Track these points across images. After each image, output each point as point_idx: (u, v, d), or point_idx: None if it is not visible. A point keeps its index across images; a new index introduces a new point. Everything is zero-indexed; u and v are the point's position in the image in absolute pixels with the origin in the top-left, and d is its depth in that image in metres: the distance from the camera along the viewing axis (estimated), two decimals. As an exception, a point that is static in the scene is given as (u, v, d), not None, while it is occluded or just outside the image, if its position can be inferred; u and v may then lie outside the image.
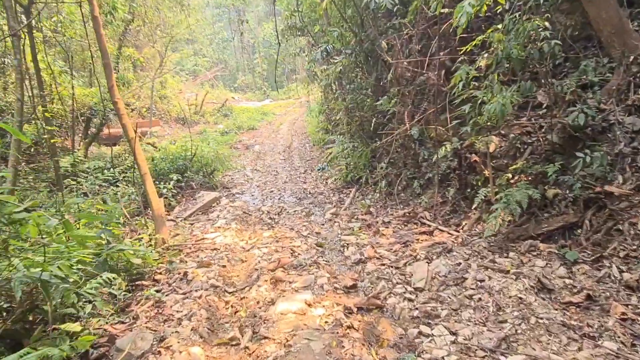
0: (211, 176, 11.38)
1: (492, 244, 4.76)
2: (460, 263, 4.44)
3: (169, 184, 10.11)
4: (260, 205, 9.34)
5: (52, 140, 8.00)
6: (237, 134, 20.09)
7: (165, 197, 9.79)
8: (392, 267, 4.76)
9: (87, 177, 10.96)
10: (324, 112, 14.26)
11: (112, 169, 12.11)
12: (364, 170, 8.89)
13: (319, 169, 11.76)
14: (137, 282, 5.07)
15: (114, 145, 14.64)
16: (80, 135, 13.98)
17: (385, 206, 7.39)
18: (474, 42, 4.63)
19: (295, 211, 8.22)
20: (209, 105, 27.07)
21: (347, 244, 5.93)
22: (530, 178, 4.73)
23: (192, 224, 8.64)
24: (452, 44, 5.91)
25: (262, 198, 10.05)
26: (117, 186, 11.24)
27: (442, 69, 6.00)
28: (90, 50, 8.29)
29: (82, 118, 13.78)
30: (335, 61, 8.21)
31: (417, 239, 5.59)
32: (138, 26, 15.19)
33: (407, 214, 6.59)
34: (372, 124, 7.79)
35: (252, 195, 10.48)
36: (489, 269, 4.14)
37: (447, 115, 5.90)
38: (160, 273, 5.45)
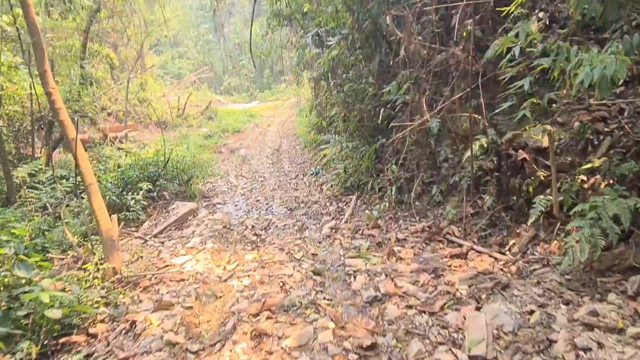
0: (188, 184, 9.90)
1: (568, 277, 3.39)
2: (532, 311, 3.06)
3: (138, 194, 8.64)
4: (244, 218, 7.89)
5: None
6: (221, 137, 18.62)
7: (132, 211, 8.32)
8: (424, 312, 3.35)
9: (43, 188, 9.43)
10: (315, 108, 12.85)
11: (75, 178, 10.62)
12: (367, 175, 7.50)
13: (312, 174, 10.35)
14: (63, 339, 3.59)
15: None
16: (42, 140, 12.40)
17: (396, 218, 6.00)
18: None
19: (285, 225, 6.79)
20: (193, 108, 25.54)
21: (355, 272, 4.51)
22: (611, 182, 3.37)
23: (162, 243, 7.19)
24: (484, 7, 4.55)
25: (247, 209, 8.60)
26: (83, 197, 9.76)
27: (470, 43, 4.62)
28: (17, 28, 6.72)
29: (43, 122, 12.21)
30: (330, 43, 6.82)
31: (449, 265, 4.19)
32: (107, 18, 13.66)
33: (428, 229, 5.21)
34: (378, 118, 6.39)
35: (236, 206, 9.02)
36: (588, 325, 2.73)
37: (479, 102, 4.52)
38: (102, 321, 3.98)
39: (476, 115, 4.54)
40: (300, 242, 5.78)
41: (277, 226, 6.81)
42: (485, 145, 4.41)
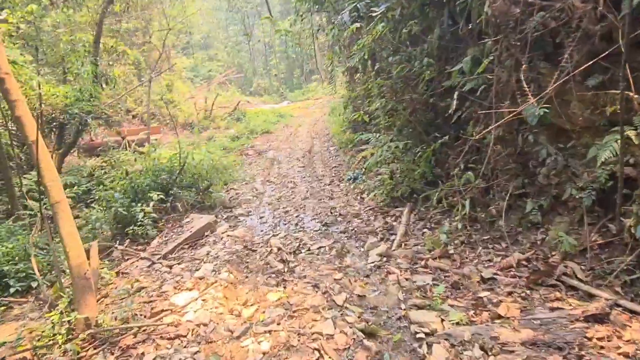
0: (207, 192, 8.59)
1: None
2: None
3: (148, 205, 7.40)
4: (269, 235, 6.49)
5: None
6: (249, 138, 17.40)
7: (141, 225, 7.09)
8: None
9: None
10: (350, 104, 11.31)
11: (86, 185, 9.55)
12: (421, 182, 5.94)
13: (349, 179, 8.84)
14: None
15: (97, 155, 12.09)
16: (53, 144, 11.44)
17: (472, 243, 4.42)
18: None
19: (320, 248, 5.30)
20: (221, 109, 24.57)
21: (427, 335, 2.98)
22: None
23: (169, 267, 5.88)
24: None
25: (274, 222, 7.19)
26: (93, 207, 8.65)
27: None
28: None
29: (55, 124, 11.23)
30: (376, 13, 5.30)
31: (588, 336, 2.61)
32: (122, 11, 12.62)
33: (527, 263, 3.61)
34: (436, 109, 4.82)
35: (261, 218, 7.63)
36: None
37: (606, 78, 2.90)
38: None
39: (631, 93, 2.91)
40: (341, 276, 4.27)
41: (309, 249, 5.34)
42: (636, 140, 2.81)
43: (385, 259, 4.57)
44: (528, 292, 3.28)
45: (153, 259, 6.24)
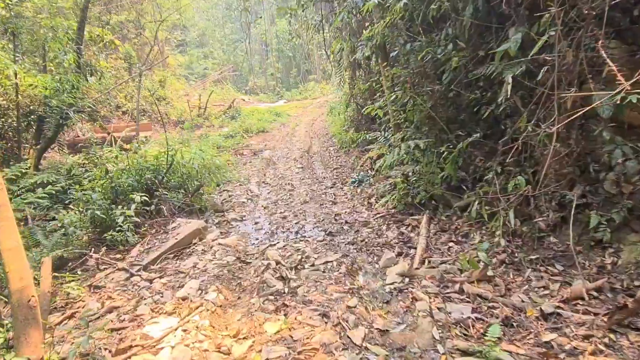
0: (197, 194, 7.76)
1: None
2: None
3: (129, 208, 6.58)
4: (266, 244, 5.68)
5: None
6: (244, 137, 16.57)
7: (120, 230, 6.27)
8: None
9: (15, 197, 7.51)
10: (353, 100, 10.50)
11: (61, 185, 8.68)
12: (442, 186, 5.15)
13: (354, 182, 8.04)
14: None
15: (80, 152, 11.19)
16: (31, 139, 10.56)
17: (515, 263, 3.63)
18: None
19: (326, 264, 4.49)
20: (215, 107, 23.72)
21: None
22: None
23: (149, 282, 5.09)
24: None
25: (271, 229, 6.38)
26: (70, 209, 7.84)
27: None
28: None
29: (32, 117, 10.35)
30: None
31: None
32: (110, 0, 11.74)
33: (599, 294, 2.83)
34: (462, 102, 4.04)
35: (256, 224, 6.82)
36: None
37: None
38: None
39: None
40: (355, 302, 3.46)
41: (313, 264, 4.52)
42: None
43: (407, 279, 3.76)
44: (612, 336, 2.51)
45: (132, 270, 5.43)
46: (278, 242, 5.62)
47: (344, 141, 11.12)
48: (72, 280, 5.35)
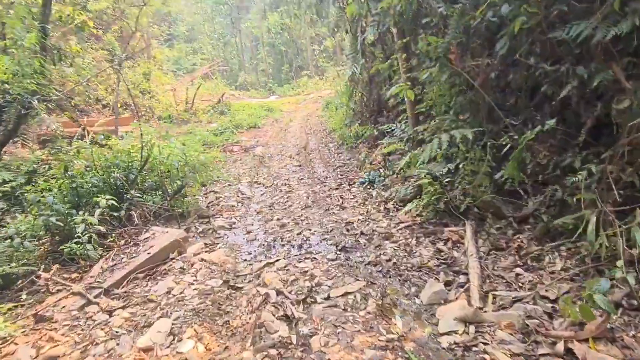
0: (178, 197, 6.51)
1: None
2: None
3: (92, 214, 5.36)
4: (261, 261, 4.48)
5: None
6: (234, 133, 15.31)
7: (79, 243, 5.03)
8: None
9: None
10: (363, 85, 9.27)
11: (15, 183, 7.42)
12: (491, 189, 3.98)
13: (363, 183, 6.86)
14: None
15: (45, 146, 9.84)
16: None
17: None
18: None
19: (346, 296, 3.28)
20: (204, 102, 22.38)
21: None
22: None
23: (109, 313, 3.88)
24: None
25: (266, 241, 5.18)
26: (17, 214, 6.65)
27: None
28: None
29: (-10, 105, 8.98)
30: None
31: None
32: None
33: None
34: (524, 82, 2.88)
35: (248, 234, 5.62)
36: None
37: None
38: None
39: None
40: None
41: (328, 297, 3.31)
42: None
43: (471, 327, 2.58)
44: None
45: (89, 294, 4.21)
46: (277, 260, 4.41)
47: (347, 136, 9.93)
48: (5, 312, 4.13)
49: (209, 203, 7.27)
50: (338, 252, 4.32)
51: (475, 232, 3.96)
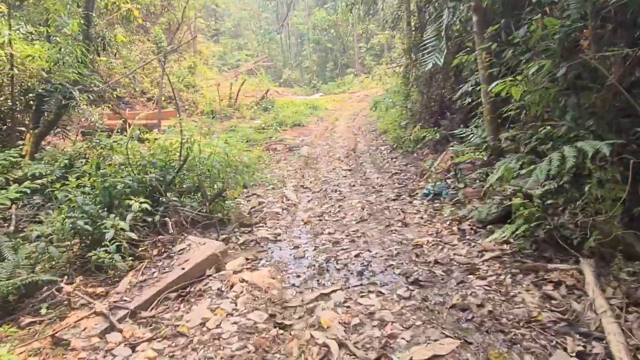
0: (218, 200, 5.85)
1: None
2: None
3: (124, 219, 4.77)
4: (313, 290, 3.71)
5: None
6: (277, 131, 14.68)
7: (108, 252, 4.43)
8: None
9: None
10: (418, 84, 8.31)
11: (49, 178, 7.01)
12: (618, 219, 3.00)
13: (427, 195, 5.95)
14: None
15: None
16: (29, 122, 8.92)
17: None
18: None
19: (436, 361, 2.43)
20: (247, 97, 21.96)
21: None
22: None
23: (131, 348, 3.19)
24: None
25: (317, 261, 4.39)
26: (51, 211, 6.21)
27: None
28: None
29: (31, 95, 8.69)
30: None
31: None
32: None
33: None
34: None
35: (296, 250, 4.86)
36: None
37: None
38: None
39: None
40: None
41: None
42: None
43: None
44: None
45: (113, 316, 3.55)
46: (334, 290, 3.61)
47: (403, 139, 9.01)
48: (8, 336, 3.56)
49: (251, 209, 6.58)
50: (410, 287, 3.46)
51: (597, 275, 3.00)
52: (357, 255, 4.30)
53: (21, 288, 4.59)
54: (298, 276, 4.15)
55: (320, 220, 5.92)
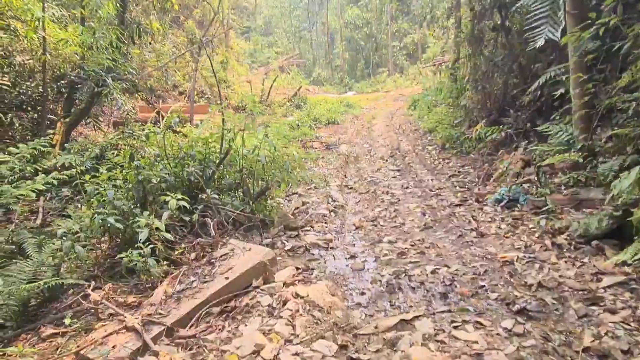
0: (261, 199, 5.23)
1: None
2: None
3: (160, 217, 4.19)
4: (384, 309, 3.03)
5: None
6: (312, 128, 14.02)
7: (142, 254, 3.83)
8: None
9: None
10: (477, 77, 7.50)
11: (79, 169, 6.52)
12: None
13: (499, 201, 5.17)
14: None
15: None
16: (61, 111, 8.52)
17: None
18: None
19: None
20: (279, 94, 21.46)
21: None
22: None
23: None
24: None
25: (380, 274, 3.71)
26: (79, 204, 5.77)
27: None
28: None
29: (62, 82, 8.29)
30: None
31: None
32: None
33: None
34: None
35: (352, 258, 4.21)
36: None
37: None
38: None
39: None
40: None
41: None
42: None
43: None
44: None
45: (147, 334, 2.95)
46: (416, 315, 2.91)
47: (456, 138, 8.21)
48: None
49: (294, 209, 5.93)
50: (518, 318, 2.73)
51: None
52: (434, 272, 3.58)
53: (44, 291, 4.07)
54: (362, 293, 3.47)
55: (375, 225, 5.23)
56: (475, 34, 8.18)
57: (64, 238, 4.06)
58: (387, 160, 8.90)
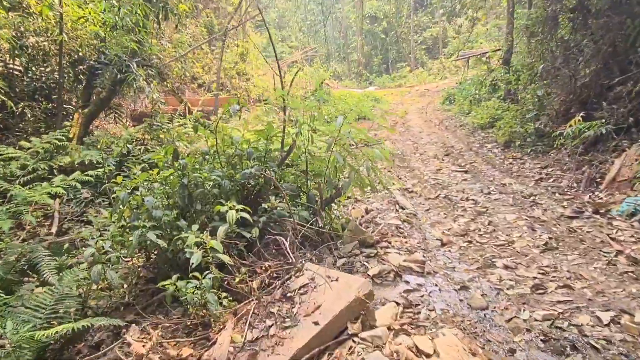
0: (330, 208, 4.23)
1: None
2: None
3: (214, 232, 3.15)
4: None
5: None
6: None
7: (198, 287, 2.77)
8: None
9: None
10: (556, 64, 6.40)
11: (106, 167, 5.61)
12: None
13: (635, 213, 4.10)
14: None
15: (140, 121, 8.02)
16: (76, 100, 7.56)
17: None
18: None
19: None
20: (299, 89, 20.42)
21: None
22: None
23: None
24: None
25: (522, 319, 2.65)
26: (99, 212, 4.75)
27: None
28: None
29: (81, 68, 7.32)
30: None
31: None
32: None
33: None
34: None
35: (463, 290, 3.16)
36: None
37: None
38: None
39: None
40: None
41: None
42: None
43: None
44: None
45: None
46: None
47: (528, 136, 7.13)
48: None
49: (360, 218, 4.92)
50: None
51: None
52: (614, 321, 2.53)
53: (68, 333, 3.09)
54: (512, 352, 2.44)
55: (470, 242, 4.20)
56: (549, 15, 7.10)
57: (90, 258, 3.08)
58: (443, 160, 7.85)
